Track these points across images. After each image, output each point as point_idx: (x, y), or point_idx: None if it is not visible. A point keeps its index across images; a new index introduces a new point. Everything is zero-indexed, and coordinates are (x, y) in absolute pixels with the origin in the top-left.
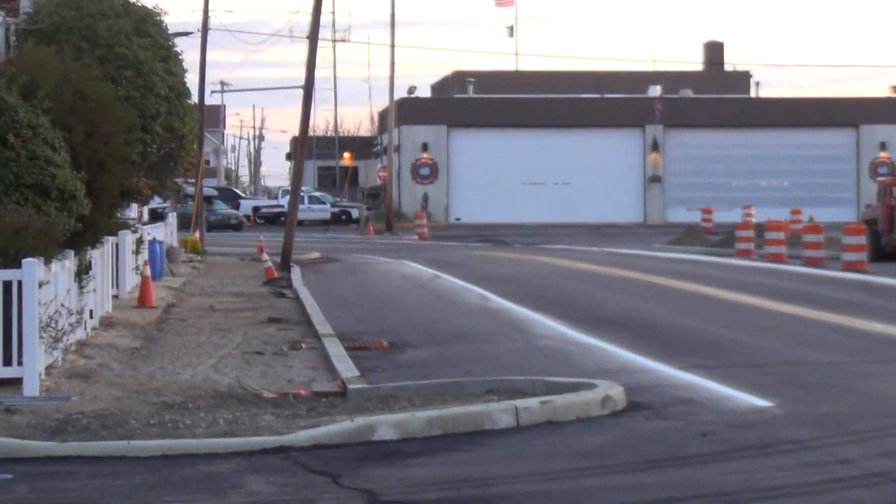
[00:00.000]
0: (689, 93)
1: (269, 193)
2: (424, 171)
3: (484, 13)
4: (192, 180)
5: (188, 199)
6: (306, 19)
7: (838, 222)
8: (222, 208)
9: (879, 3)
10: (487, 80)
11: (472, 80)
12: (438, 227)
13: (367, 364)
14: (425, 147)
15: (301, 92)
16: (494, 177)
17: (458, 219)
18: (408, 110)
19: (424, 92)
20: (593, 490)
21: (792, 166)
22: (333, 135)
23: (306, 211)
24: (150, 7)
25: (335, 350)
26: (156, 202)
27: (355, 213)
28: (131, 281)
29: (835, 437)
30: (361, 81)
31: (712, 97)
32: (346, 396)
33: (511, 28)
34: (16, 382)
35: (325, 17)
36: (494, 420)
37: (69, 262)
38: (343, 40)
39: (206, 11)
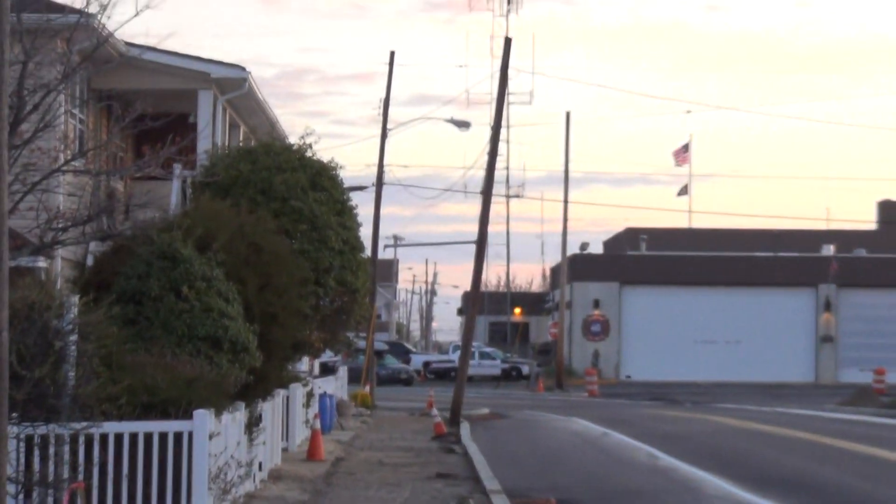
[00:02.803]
0: (863, 252)
1: (440, 348)
2: (596, 328)
3: (657, 170)
4: (364, 334)
5: (359, 353)
6: (480, 174)
7: None
8: (393, 363)
9: None
10: (660, 236)
11: (645, 236)
12: (609, 384)
13: None
14: (597, 304)
15: (474, 247)
16: (666, 334)
17: (629, 376)
18: (580, 267)
19: (597, 248)
20: None
21: None
22: (505, 290)
23: (477, 366)
24: (325, 161)
25: None
26: (327, 356)
27: (525, 370)
28: (301, 434)
29: None
30: (534, 237)
31: (887, 257)
32: None
33: (685, 186)
34: None
35: (499, 173)
36: None
37: (240, 414)
38: (517, 196)
39: (380, 166)
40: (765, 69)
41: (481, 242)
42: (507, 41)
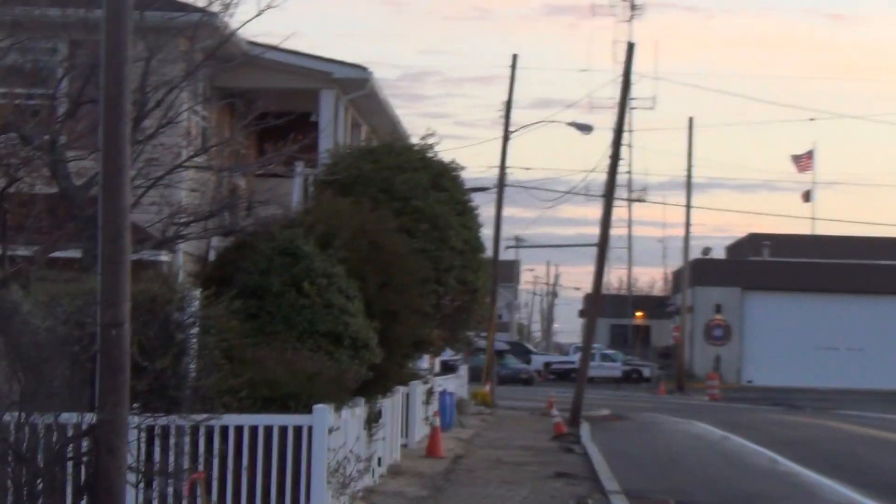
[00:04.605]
0: None
1: (561, 350)
2: (717, 333)
3: (781, 176)
4: (484, 334)
5: (479, 353)
6: (602, 177)
7: None
8: (513, 363)
9: None
10: (783, 243)
11: (768, 242)
12: (729, 388)
13: None
14: (719, 308)
15: (595, 250)
16: (787, 340)
17: (750, 381)
18: (702, 271)
19: (719, 253)
20: None
21: None
22: (626, 293)
23: (597, 368)
24: (447, 162)
25: None
26: (448, 354)
27: (646, 372)
28: (420, 431)
29: None
30: (655, 241)
31: None
32: None
33: (807, 193)
34: None
35: (621, 177)
36: None
37: (359, 410)
38: (639, 200)
39: (502, 168)
40: (889, 77)
41: (602, 245)
42: (630, 46)
